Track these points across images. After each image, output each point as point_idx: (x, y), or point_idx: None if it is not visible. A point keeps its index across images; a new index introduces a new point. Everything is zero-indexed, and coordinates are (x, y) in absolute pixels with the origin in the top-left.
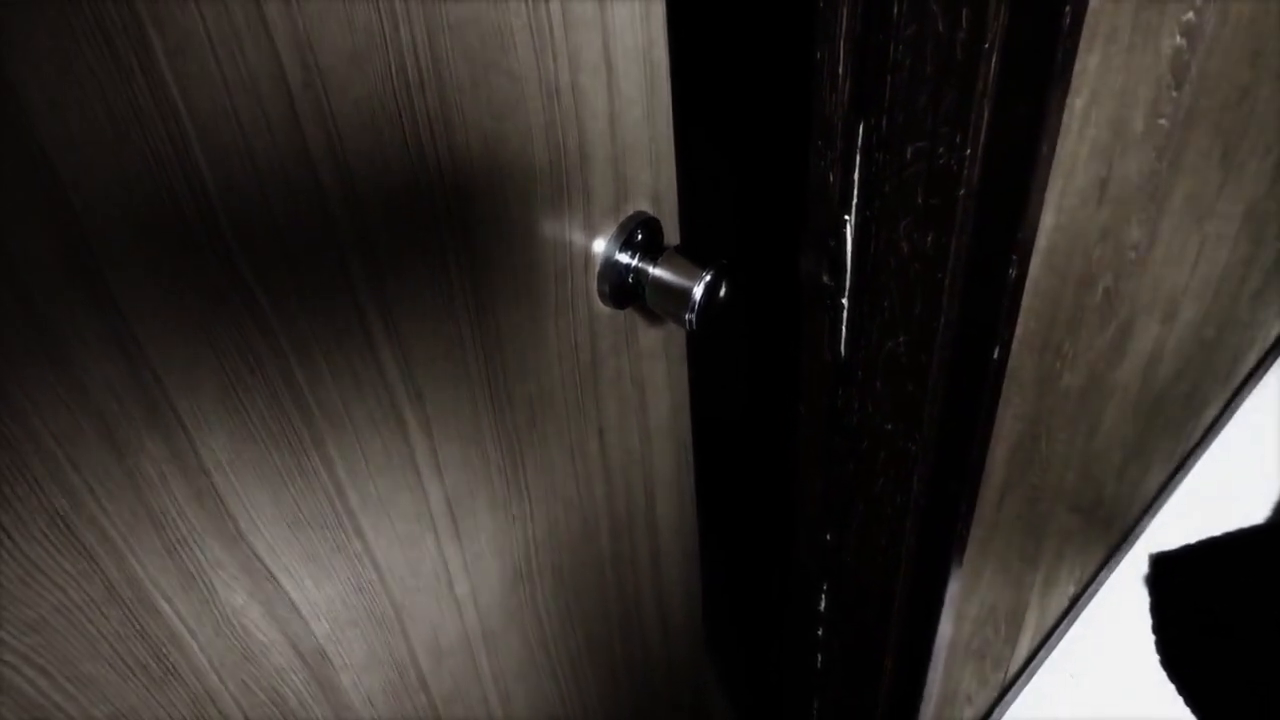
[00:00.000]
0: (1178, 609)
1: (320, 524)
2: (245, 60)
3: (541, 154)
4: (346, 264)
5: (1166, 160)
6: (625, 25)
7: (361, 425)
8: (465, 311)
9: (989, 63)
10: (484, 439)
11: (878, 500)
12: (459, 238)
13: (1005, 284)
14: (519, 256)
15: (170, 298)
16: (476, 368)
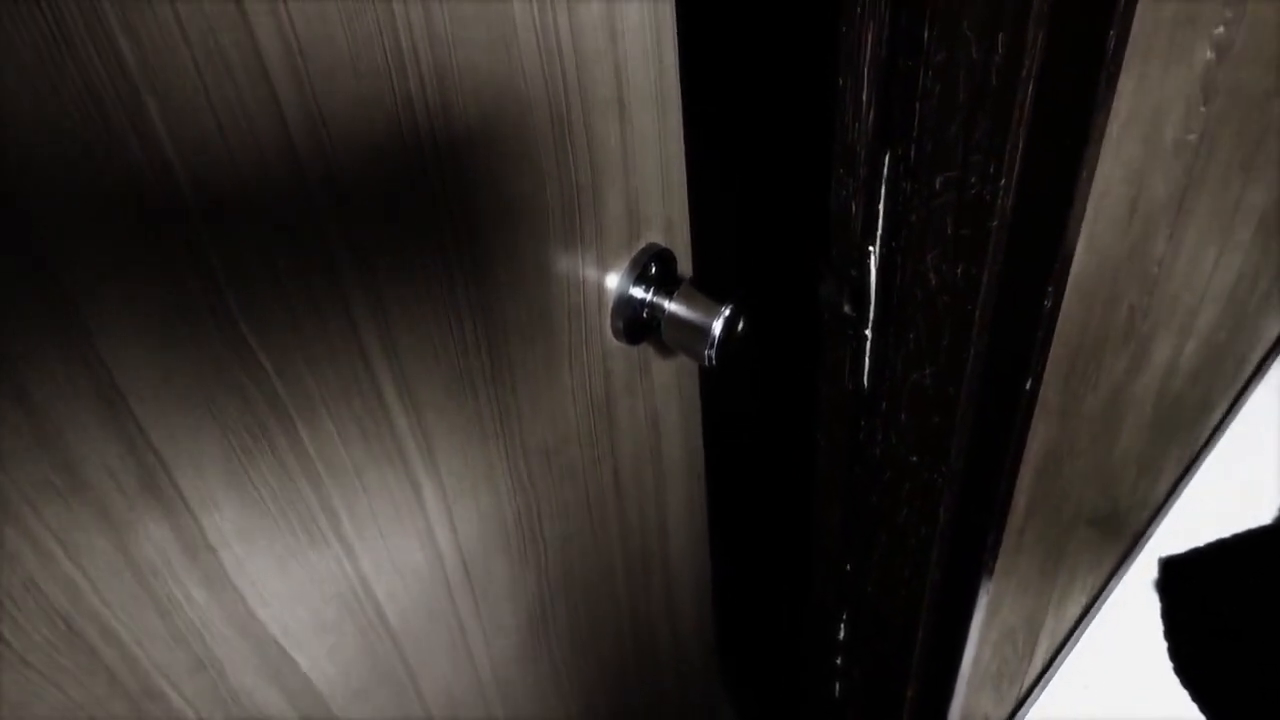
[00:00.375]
0: (1189, 613)
1: (333, 593)
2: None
3: (554, 192)
4: (353, 315)
5: (1193, 174)
6: (637, 56)
7: (371, 485)
8: (478, 360)
9: (1026, 90)
10: (499, 492)
11: (901, 532)
12: (472, 283)
13: (1040, 315)
14: (533, 299)
15: (170, 368)
16: (491, 419)
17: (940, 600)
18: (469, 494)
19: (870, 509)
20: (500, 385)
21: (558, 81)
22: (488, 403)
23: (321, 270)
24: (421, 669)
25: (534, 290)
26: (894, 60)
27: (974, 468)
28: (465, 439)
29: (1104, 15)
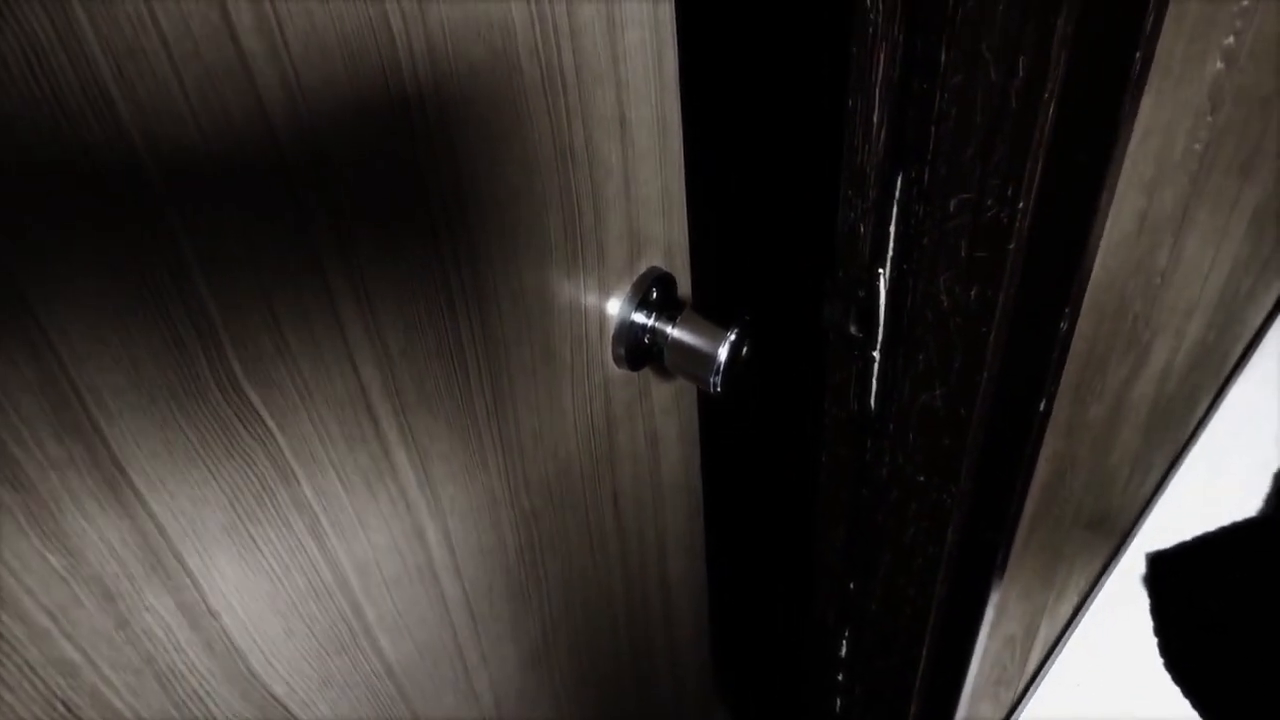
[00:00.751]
0: (1177, 608)
1: (337, 646)
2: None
3: (556, 220)
4: (356, 358)
5: (1197, 182)
6: (639, 75)
7: (374, 530)
8: (481, 396)
9: (1047, 113)
10: (502, 527)
11: (908, 551)
12: (475, 319)
13: (1056, 337)
14: (535, 330)
15: (170, 434)
16: (494, 455)
17: (946, 618)
18: (472, 532)
19: (875, 528)
20: (503, 420)
21: (560, 104)
22: (491, 441)
23: (320, 311)
24: (424, 709)
25: (537, 321)
26: (908, 82)
27: (984, 488)
28: (469, 479)
29: (1131, 36)
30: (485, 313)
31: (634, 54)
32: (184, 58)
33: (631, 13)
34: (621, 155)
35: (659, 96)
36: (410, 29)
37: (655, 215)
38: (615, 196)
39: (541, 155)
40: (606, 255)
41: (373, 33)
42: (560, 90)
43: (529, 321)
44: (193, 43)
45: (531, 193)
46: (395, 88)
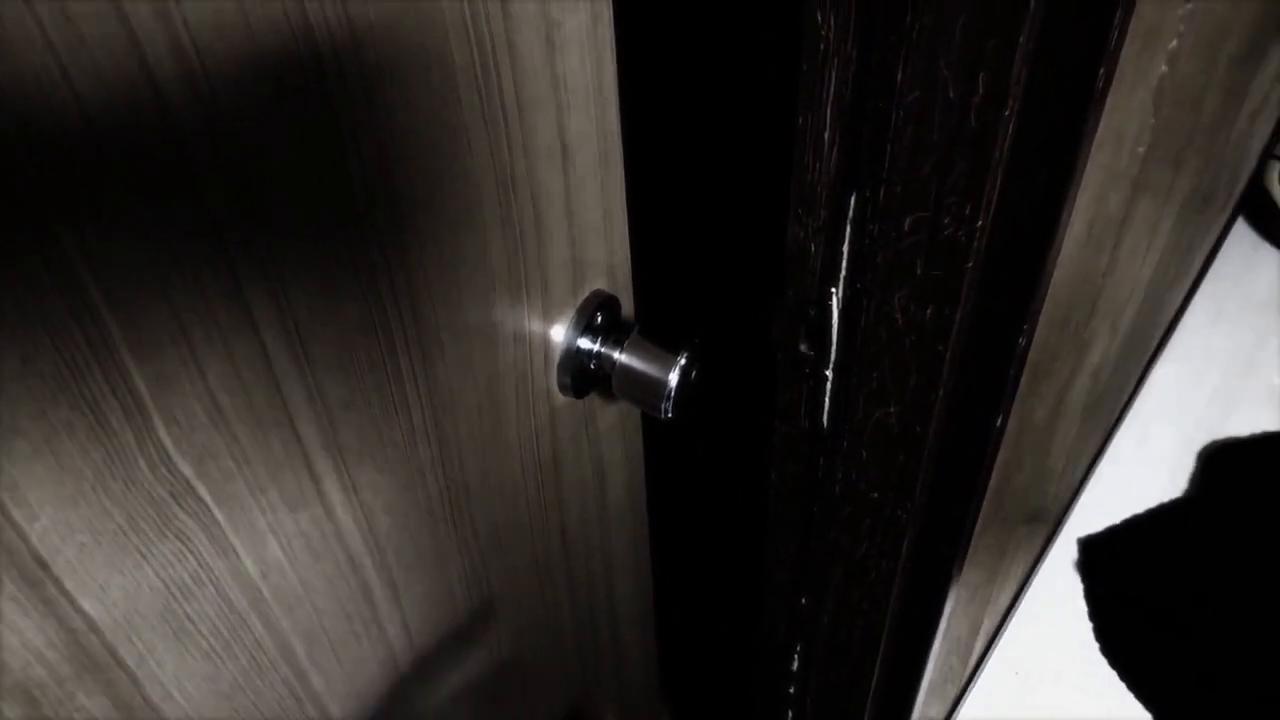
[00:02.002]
0: (1110, 591)
1: (274, 703)
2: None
3: (499, 252)
4: (294, 417)
5: (1137, 184)
6: (579, 98)
7: (319, 594)
8: (426, 442)
9: (1008, 130)
10: (450, 575)
11: (861, 566)
12: (418, 362)
13: (1013, 353)
14: (479, 367)
15: (98, 521)
16: (441, 504)
17: (899, 630)
18: (419, 582)
19: (828, 544)
20: (449, 464)
21: (500, 133)
22: (437, 486)
23: (255, 371)
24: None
25: (481, 358)
26: (862, 99)
27: (939, 503)
28: (416, 528)
29: (1095, 52)
30: (428, 355)
31: (574, 76)
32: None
33: (571, 34)
34: (563, 180)
35: (600, 118)
36: (344, 66)
37: (598, 238)
38: (558, 222)
39: (483, 187)
40: (550, 283)
41: (303, 70)
42: (501, 119)
43: (473, 359)
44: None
45: (473, 226)
46: (328, 127)
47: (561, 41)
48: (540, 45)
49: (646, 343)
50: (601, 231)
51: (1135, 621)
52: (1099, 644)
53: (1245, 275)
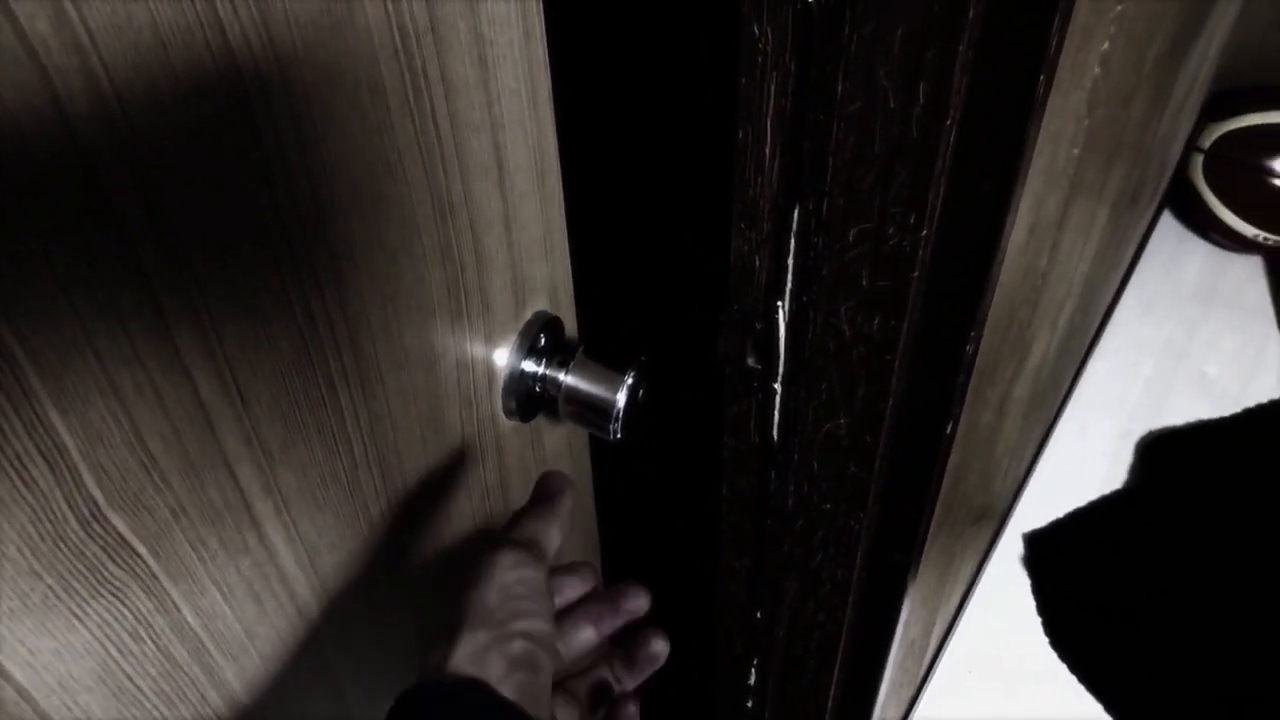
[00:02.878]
0: (1057, 585)
1: None
2: None
3: (438, 279)
4: (232, 462)
5: (1073, 185)
6: (514, 116)
7: (263, 640)
8: (370, 479)
9: (949, 139)
10: (399, 608)
11: (815, 578)
12: (359, 398)
13: (961, 360)
14: (422, 399)
15: (26, 585)
16: (386, 544)
17: (856, 640)
18: (365, 625)
19: (782, 557)
20: (393, 499)
21: (436, 157)
22: (382, 523)
23: (189, 417)
24: None
25: (423, 389)
26: (802, 112)
27: (892, 512)
28: (361, 568)
29: (1035, 60)
30: (369, 388)
31: (508, 94)
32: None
33: (503, 51)
34: (501, 201)
35: (536, 135)
36: (270, 94)
37: (538, 258)
38: (497, 245)
39: (420, 212)
40: (492, 306)
41: (226, 99)
42: (435, 142)
43: (415, 389)
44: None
45: (411, 253)
46: (255, 158)
47: (494, 60)
48: (473, 65)
49: (592, 363)
50: (542, 250)
51: (1082, 613)
52: (1048, 637)
53: (1173, 267)
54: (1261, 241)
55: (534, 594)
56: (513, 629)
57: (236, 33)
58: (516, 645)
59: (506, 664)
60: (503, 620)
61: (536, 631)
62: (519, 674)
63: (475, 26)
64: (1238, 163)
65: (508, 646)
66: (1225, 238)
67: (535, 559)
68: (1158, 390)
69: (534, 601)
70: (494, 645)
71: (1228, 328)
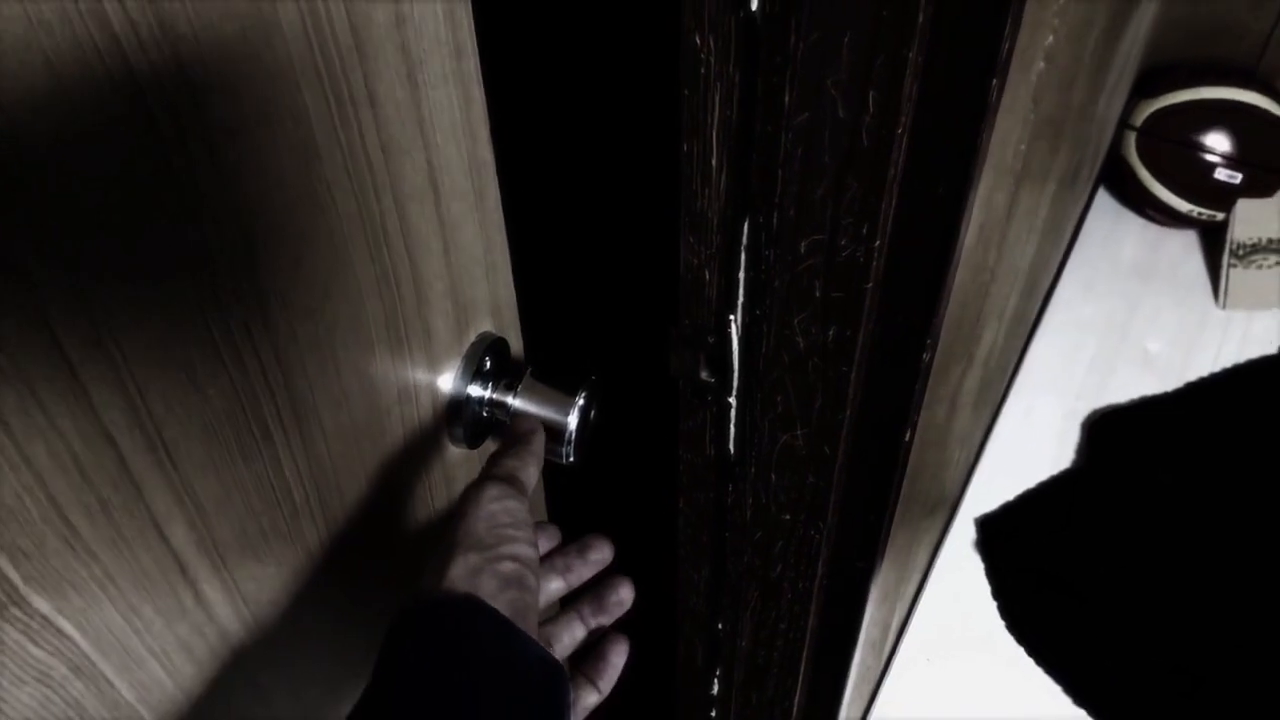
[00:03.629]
0: (1010, 567)
1: None
2: None
3: (376, 311)
4: (162, 523)
5: (1019, 178)
6: (448, 136)
7: (207, 702)
8: (313, 526)
9: (901, 147)
10: (351, 652)
11: (776, 587)
12: (296, 443)
13: (920, 368)
14: (364, 437)
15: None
16: (333, 582)
17: (820, 645)
18: (318, 670)
19: (741, 568)
20: (337, 544)
21: (367, 184)
22: (329, 570)
23: (111, 481)
24: None
25: (365, 427)
26: (749, 122)
27: (852, 520)
28: (308, 619)
29: (988, 63)
30: (307, 431)
31: (441, 114)
32: None
33: (435, 71)
34: (439, 223)
35: (472, 153)
36: (186, 133)
37: (479, 279)
38: (436, 269)
39: (353, 245)
40: (433, 332)
41: (136, 133)
42: (366, 170)
43: (356, 426)
44: None
45: (346, 286)
46: (173, 205)
47: (425, 79)
48: (403, 85)
49: (540, 385)
50: (483, 270)
51: (1036, 595)
52: (1004, 621)
53: (1111, 244)
54: (1196, 216)
55: (518, 522)
56: (502, 552)
57: (142, 62)
58: (506, 566)
59: (498, 582)
60: (491, 544)
61: (523, 555)
62: (510, 592)
63: (403, 45)
64: (1170, 139)
65: (498, 567)
66: (1160, 214)
67: (517, 492)
68: (1101, 368)
69: (518, 529)
70: (485, 566)
71: (1167, 303)
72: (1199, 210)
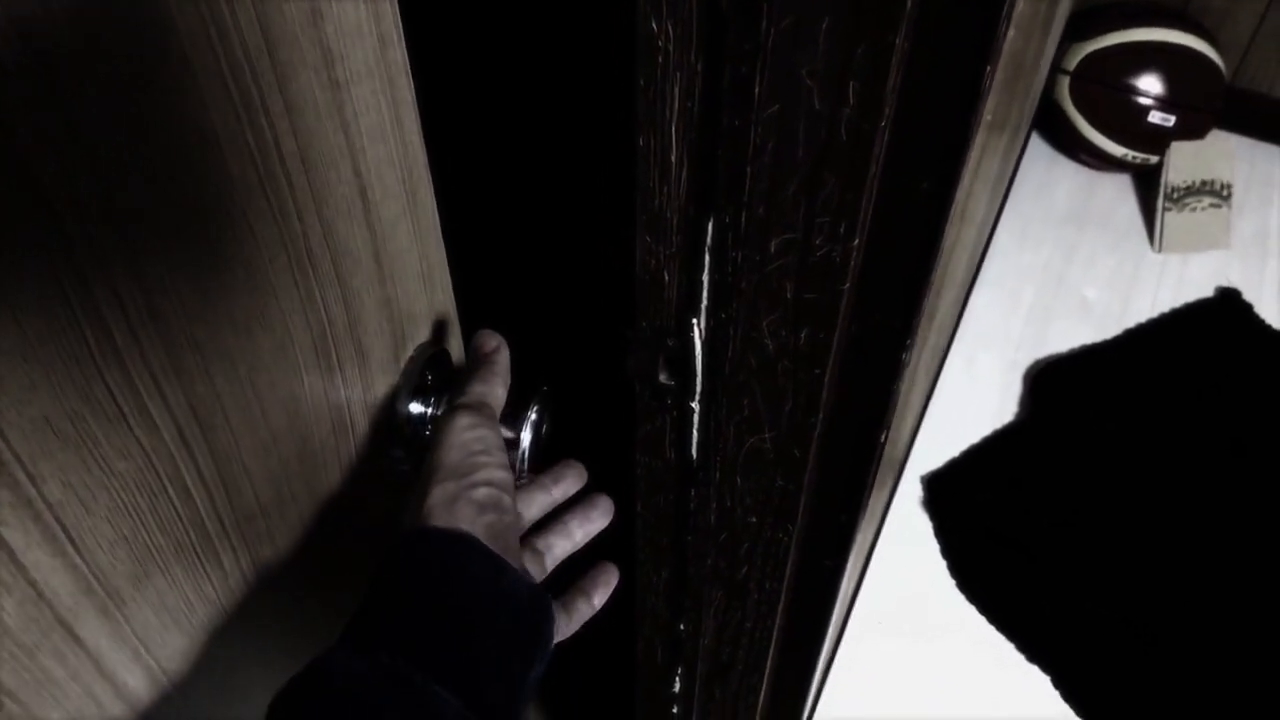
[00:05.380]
0: (957, 524)
1: None
2: None
3: (303, 337)
4: (59, 610)
5: (984, 148)
6: (375, 138)
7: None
8: (243, 583)
9: (883, 140)
10: None
11: (742, 588)
12: (220, 497)
13: (899, 368)
14: (296, 479)
15: None
16: (277, 653)
17: (786, 640)
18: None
19: (705, 570)
20: (277, 595)
21: (287, 199)
22: (272, 630)
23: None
24: None
25: (296, 468)
26: (714, 115)
27: (822, 519)
28: (250, 678)
29: (982, 48)
30: (233, 485)
31: (367, 114)
32: None
33: (357, 66)
34: (369, 233)
35: (402, 154)
36: (76, 174)
37: (416, 289)
38: (367, 283)
39: (275, 271)
40: (367, 353)
41: (9, 180)
42: (286, 186)
43: (287, 473)
44: None
45: (268, 321)
46: (57, 252)
47: (347, 78)
48: (322, 87)
49: None
50: (419, 278)
51: (984, 551)
52: (955, 579)
53: (1045, 190)
54: (1130, 160)
55: (490, 448)
56: (477, 479)
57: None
58: (481, 491)
59: (474, 508)
60: (466, 472)
61: (497, 479)
62: (487, 516)
63: (321, 42)
64: (1103, 83)
65: (473, 493)
66: (1094, 158)
67: (487, 418)
68: (1039, 318)
69: (491, 455)
70: (461, 494)
71: (1103, 248)
72: (1133, 154)
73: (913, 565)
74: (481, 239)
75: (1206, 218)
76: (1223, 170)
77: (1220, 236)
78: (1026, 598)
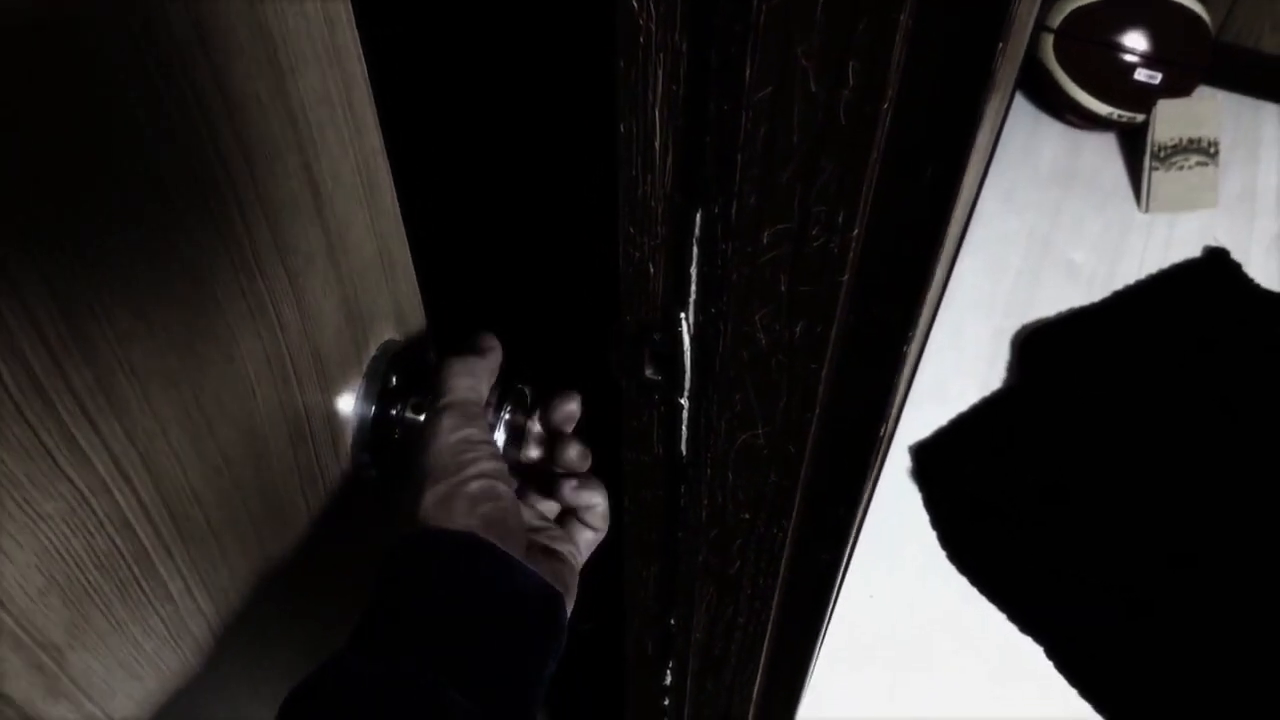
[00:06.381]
0: (946, 494)
1: None
2: None
3: (254, 353)
4: None
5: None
6: (326, 126)
7: None
8: (199, 617)
9: (884, 124)
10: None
11: (735, 583)
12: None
13: (898, 362)
14: (253, 498)
15: None
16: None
17: (781, 633)
18: None
19: (696, 565)
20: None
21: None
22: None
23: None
24: None
25: (253, 484)
26: (701, 99)
27: (819, 513)
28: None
29: (995, 22)
30: (180, 514)
31: (315, 101)
32: None
33: (302, 49)
34: (321, 230)
35: (356, 142)
36: None
37: (377, 285)
38: (322, 283)
39: (218, 281)
40: (325, 357)
41: None
42: (227, 186)
43: (242, 493)
44: None
45: (213, 336)
46: None
47: (291, 63)
48: (264, 75)
49: None
50: (380, 271)
51: (974, 520)
52: (944, 550)
53: (1030, 152)
54: (1116, 119)
55: (477, 444)
56: (467, 474)
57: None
58: (474, 485)
59: (468, 502)
60: (455, 470)
61: (488, 469)
62: (483, 506)
63: (261, 24)
64: (1088, 40)
65: (465, 488)
66: (1079, 117)
67: (471, 417)
68: (1027, 283)
69: (478, 450)
70: (453, 491)
71: (1089, 209)
72: (1119, 113)
73: (904, 536)
74: (456, 230)
75: (1194, 176)
76: (1210, 127)
77: (1208, 195)
78: (1018, 568)
